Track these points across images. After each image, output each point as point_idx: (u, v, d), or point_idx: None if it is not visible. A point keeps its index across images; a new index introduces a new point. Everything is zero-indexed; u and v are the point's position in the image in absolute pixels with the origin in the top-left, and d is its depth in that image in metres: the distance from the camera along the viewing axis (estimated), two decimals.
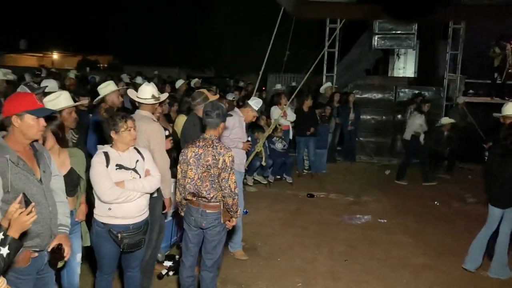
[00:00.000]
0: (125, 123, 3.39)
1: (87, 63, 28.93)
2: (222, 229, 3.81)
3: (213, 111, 3.67)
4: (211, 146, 3.64)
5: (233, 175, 3.62)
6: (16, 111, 2.69)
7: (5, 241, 2.21)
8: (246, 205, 7.00)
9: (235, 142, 5.33)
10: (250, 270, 5.06)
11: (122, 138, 3.42)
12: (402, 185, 8.99)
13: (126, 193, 3.37)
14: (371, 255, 5.58)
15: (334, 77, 11.75)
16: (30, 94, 2.84)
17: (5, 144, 2.67)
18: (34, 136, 2.77)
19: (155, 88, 4.28)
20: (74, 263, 3.55)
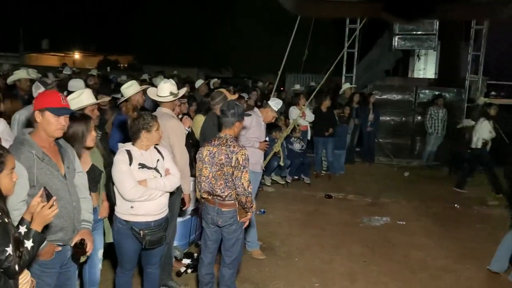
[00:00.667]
0: (156, 123, 3.48)
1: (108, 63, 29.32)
2: (239, 227, 3.83)
3: (229, 110, 3.70)
4: (225, 145, 3.67)
5: (247, 173, 3.62)
6: (40, 107, 2.77)
7: (29, 234, 2.27)
8: (264, 204, 7.06)
9: (251, 141, 5.33)
10: (267, 270, 5.07)
11: (152, 137, 3.48)
12: (422, 187, 8.89)
13: (149, 191, 3.41)
14: (389, 257, 5.53)
15: (353, 77, 11.68)
16: (57, 93, 2.90)
17: (31, 140, 2.73)
18: (53, 133, 2.82)
19: (173, 85, 4.34)
20: (96, 258, 3.60)
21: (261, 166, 5.67)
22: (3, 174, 2.19)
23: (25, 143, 2.70)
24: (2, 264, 2.13)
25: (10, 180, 2.24)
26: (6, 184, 2.22)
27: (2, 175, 2.19)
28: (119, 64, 32.31)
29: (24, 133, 2.81)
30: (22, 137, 2.77)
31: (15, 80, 6.63)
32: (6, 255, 2.12)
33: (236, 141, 3.74)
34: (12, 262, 2.14)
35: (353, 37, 10.60)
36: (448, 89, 11.41)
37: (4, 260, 2.12)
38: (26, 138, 2.74)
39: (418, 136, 11.25)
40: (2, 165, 2.18)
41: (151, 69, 19.17)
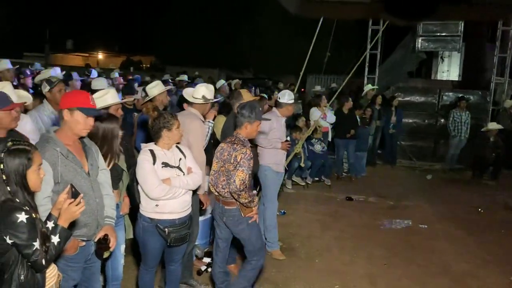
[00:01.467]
0: (176, 121, 3.53)
1: (131, 63, 29.70)
2: (246, 225, 3.81)
3: (240, 110, 3.76)
4: (232, 142, 3.74)
5: (242, 172, 3.59)
6: (69, 106, 2.82)
7: (56, 230, 2.32)
8: (284, 205, 7.05)
9: (273, 142, 5.33)
10: (287, 271, 5.07)
11: (173, 135, 3.53)
12: (444, 190, 8.76)
13: (173, 190, 3.47)
14: (411, 260, 5.47)
15: (375, 79, 11.58)
16: (87, 93, 2.97)
17: (56, 137, 2.80)
18: (79, 132, 2.89)
19: (208, 90, 4.40)
20: (119, 254, 3.66)
21: (284, 166, 5.67)
22: (30, 170, 2.24)
23: (50, 140, 2.76)
24: (29, 258, 2.19)
25: (38, 177, 2.29)
26: (33, 180, 2.27)
27: (30, 171, 2.24)
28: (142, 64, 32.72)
29: (49, 131, 2.87)
30: (47, 135, 2.83)
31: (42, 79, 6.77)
32: (33, 249, 2.18)
33: (243, 141, 3.73)
34: (39, 256, 2.20)
35: (376, 39, 10.52)
36: (472, 92, 11.22)
37: (31, 254, 2.18)
38: (51, 136, 2.80)
39: (441, 139, 11.09)
40: (30, 161, 2.23)
41: (173, 70, 19.36)
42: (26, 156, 2.22)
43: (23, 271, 2.23)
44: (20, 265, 2.22)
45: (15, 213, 2.15)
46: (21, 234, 2.15)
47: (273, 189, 5.50)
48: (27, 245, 2.16)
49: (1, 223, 2.14)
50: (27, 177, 2.23)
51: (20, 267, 2.22)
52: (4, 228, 2.14)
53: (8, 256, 2.19)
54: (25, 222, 2.15)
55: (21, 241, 2.15)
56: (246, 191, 3.65)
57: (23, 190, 2.22)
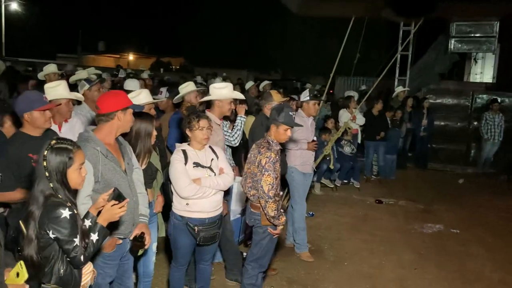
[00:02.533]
0: (197, 122, 3.53)
1: (161, 65, 30.11)
2: (263, 231, 3.73)
3: (271, 111, 3.75)
4: (259, 145, 3.71)
5: (268, 177, 3.52)
6: (122, 106, 2.88)
7: (95, 228, 2.39)
8: (313, 207, 7.03)
9: (299, 143, 5.31)
10: (316, 272, 5.05)
11: (195, 136, 3.56)
12: (477, 195, 8.55)
13: (203, 189, 3.50)
14: (442, 265, 5.37)
15: (407, 80, 11.41)
16: (124, 92, 3.05)
17: (96, 137, 2.85)
18: (128, 129, 2.97)
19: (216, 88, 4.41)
20: (151, 252, 3.72)
21: (312, 167, 5.64)
22: (71, 169, 2.30)
23: (90, 140, 2.82)
24: (69, 253, 2.26)
25: (79, 175, 2.35)
26: (74, 178, 2.33)
27: (71, 170, 2.30)
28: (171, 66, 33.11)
29: (88, 131, 2.92)
30: (87, 134, 2.88)
31: (76, 80, 6.95)
32: (73, 245, 2.25)
33: (270, 143, 3.65)
34: (78, 252, 2.26)
35: (408, 40, 10.36)
36: (507, 94, 10.92)
37: (71, 250, 2.25)
38: (90, 135, 2.86)
39: (473, 142, 10.85)
40: (71, 160, 2.29)
41: (202, 71, 19.55)
42: (67, 155, 2.28)
43: (62, 266, 2.30)
44: (60, 260, 2.29)
45: (60, 209, 2.22)
46: (64, 229, 2.22)
47: (300, 191, 5.47)
48: (68, 241, 2.23)
49: (45, 217, 2.21)
50: (67, 175, 2.29)
51: (60, 262, 2.29)
52: (48, 222, 2.21)
53: (49, 250, 2.26)
54: (68, 218, 2.22)
55: (63, 236, 2.22)
56: (276, 202, 3.57)
57: (63, 188, 2.28)
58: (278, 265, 5.08)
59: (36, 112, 3.19)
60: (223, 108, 4.39)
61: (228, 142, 4.62)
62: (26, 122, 3.23)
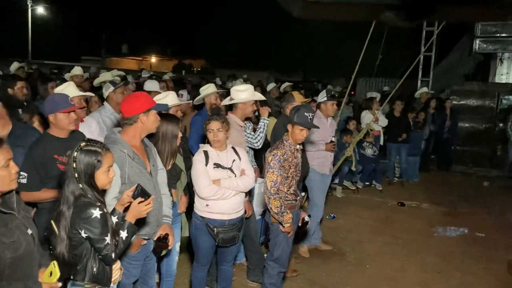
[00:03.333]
0: (207, 125, 3.58)
1: (182, 67, 30.38)
2: (275, 228, 3.79)
3: (290, 112, 3.76)
4: (275, 145, 3.76)
5: (272, 174, 3.60)
6: (144, 109, 2.91)
7: (124, 226, 2.45)
8: (334, 210, 7.00)
9: (317, 144, 5.27)
10: (337, 275, 5.02)
11: (211, 137, 3.59)
12: (503, 198, 8.37)
13: (222, 191, 3.53)
14: (467, 269, 5.27)
15: (430, 82, 11.25)
16: (147, 94, 3.09)
17: (123, 139, 2.90)
18: (154, 130, 3.02)
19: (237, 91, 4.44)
20: (174, 251, 3.76)
21: (330, 168, 5.57)
22: (100, 171, 2.36)
23: (117, 142, 2.87)
24: (101, 251, 2.32)
25: (107, 177, 2.41)
26: (102, 180, 2.39)
27: (99, 172, 2.36)
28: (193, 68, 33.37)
29: (114, 133, 2.97)
30: (114, 136, 2.93)
31: (101, 82, 7.07)
32: (105, 244, 2.31)
33: (282, 143, 3.71)
34: (109, 250, 2.33)
35: (431, 40, 10.23)
36: None
37: (103, 248, 2.31)
38: (117, 137, 2.90)
39: (499, 144, 10.62)
40: (99, 163, 2.35)
41: (223, 73, 19.64)
42: (96, 157, 2.34)
43: (95, 264, 2.37)
44: (92, 258, 2.36)
45: (90, 209, 2.29)
46: (95, 228, 2.28)
47: (318, 191, 5.44)
48: (99, 239, 2.30)
49: (77, 217, 2.28)
50: (95, 177, 2.35)
51: (92, 260, 2.36)
52: (79, 222, 2.28)
53: (81, 248, 2.34)
54: (99, 217, 2.29)
55: (95, 236, 2.29)
56: (278, 199, 3.60)
57: (91, 189, 2.34)
58: (300, 267, 5.08)
59: (60, 114, 3.24)
60: (245, 110, 4.42)
61: (251, 144, 4.63)
62: (52, 124, 3.29)
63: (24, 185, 3.04)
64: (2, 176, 2.10)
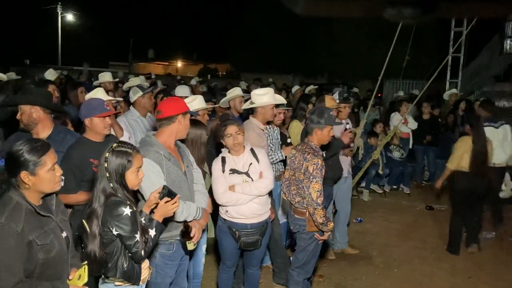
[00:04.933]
0: (224, 130, 3.56)
1: (208, 71, 30.65)
2: (309, 237, 3.68)
3: (310, 116, 3.66)
4: (302, 151, 3.62)
5: (316, 184, 3.45)
6: (182, 110, 3.00)
7: (152, 224, 2.51)
8: (361, 213, 6.93)
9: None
10: (364, 279, 4.97)
11: (226, 143, 3.59)
12: None
13: (236, 196, 3.53)
14: (499, 275, 5.13)
15: (458, 83, 11.04)
16: (181, 99, 3.15)
17: (158, 141, 2.97)
18: (185, 135, 3.08)
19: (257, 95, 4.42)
20: (200, 253, 3.80)
21: (348, 170, 5.47)
22: (130, 171, 2.44)
23: (153, 144, 2.93)
24: (131, 249, 2.38)
25: (136, 177, 2.48)
26: (132, 180, 2.47)
27: (129, 172, 2.44)
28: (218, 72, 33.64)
29: (149, 136, 3.04)
30: (149, 139, 3.00)
31: (130, 86, 7.18)
32: (135, 241, 2.37)
33: (314, 149, 3.58)
34: (139, 247, 2.39)
35: (459, 41, 10.03)
36: None
37: (133, 246, 2.37)
38: (153, 140, 2.97)
39: None
40: (129, 163, 2.43)
41: (248, 76, 19.71)
42: (126, 158, 2.42)
43: (125, 261, 2.43)
44: (123, 255, 2.43)
45: (121, 207, 2.36)
46: (125, 226, 2.35)
47: (339, 196, 5.42)
48: (130, 237, 2.36)
49: (108, 215, 2.36)
50: (126, 176, 2.43)
51: (123, 257, 2.43)
52: (111, 220, 2.35)
53: (112, 246, 2.41)
54: (129, 215, 2.36)
55: (125, 233, 2.35)
56: (323, 208, 3.52)
57: (122, 188, 2.42)
58: (326, 271, 5.05)
59: (96, 118, 3.32)
60: (266, 114, 4.42)
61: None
62: (88, 128, 3.37)
63: (61, 188, 3.12)
64: (48, 179, 2.21)
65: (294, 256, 3.89)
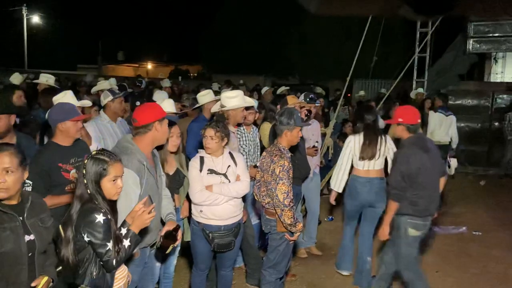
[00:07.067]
0: (204, 130, 3.59)
1: (179, 73, 30.41)
2: (280, 238, 3.69)
3: (279, 118, 3.64)
4: (271, 152, 3.64)
5: (283, 185, 3.44)
6: (159, 117, 2.95)
7: (128, 235, 2.49)
8: (332, 212, 7.01)
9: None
10: (337, 276, 5.05)
11: (204, 144, 3.62)
12: (500, 197, 8.42)
13: (213, 196, 3.55)
14: (465, 268, 5.31)
15: (425, 82, 11.32)
16: (158, 104, 3.14)
17: (140, 150, 2.91)
18: (164, 141, 3.07)
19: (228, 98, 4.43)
20: (172, 255, 3.80)
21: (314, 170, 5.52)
22: (105, 179, 2.43)
23: (136, 152, 2.88)
24: (102, 257, 2.37)
25: (113, 186, 2.45)
26: (108, 189, 2.44)
27: (105, 180, 2.43)
28: (189, 73, 33.43)
29: (131, 143, 2.95)
30: (132, 147, 2.92)
31: (98, 90, 7.07)
32: (106, 249, 2.36)
33: (281, 151, 3.57)
34: (111, 256, 2.37)
35: (425, 41, 10.30)
36: None
37: (104, 254, 2.36)
38: (135, 148, 2.90)
39: (495, 143, 10.66)
40: (105, 171, 2.42)
41: (220, 78, 19.67)
42: (102, 166, 2.41)
43: (95, 269, 2.41)
44: (93, 263, 2.41)
45: (94, 214, 2.35)
46: (97, 233, 2.34)
47: (307, 195, 5.50)
48: (101, 245, 2.35)
49: (81, 221, 2.35)
50: (101, 185, 2.42)
51: (93, 265, 2.41)
52: (83, 226, 2.34)
53: (84, 253, 2.39)
54: (102, 222, 2.35)
55: (96, 240, 2.34)
56: (292, 209, 3.50)
57: (98, 195, 2.42)
58: (298, 270, 5.11)
59: (70, 122, 3.29)
60: (236, 116, 4.45)
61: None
62: (59, 132, 3.32)
63: None
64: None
65: (266, 257, 3.91)
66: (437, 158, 4.04)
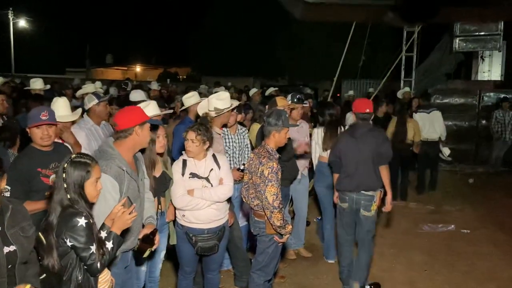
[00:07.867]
0: (186, 133, 3.57)
1: (167, 75, 30.33)
2: (268, 240, 3.66)
3: (267, 119, 3.62)
4: (259, 154, 3.60)
5: (272, 187, 3.42)
6: (139, 121, 2.89)
7: (110, 236, 2.47)
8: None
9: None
10: (325, 277, 5.04)
11: (186, 147, 3.58)
12: (488, 194, 8.47)
13: (195, 201, 3.52)
14: (453, 266, 5.33)
15: (412, 82, 11.37)
16: (139, 107, 3.09)
17: (120, 155, 2.86)
18: (146, 144, 3.02)
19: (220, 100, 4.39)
20: (158, 259, 3.78)
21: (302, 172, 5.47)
22: (88, 182, 2.40)
23: (115, 158, 2.83)
24: (86, 261, 2.34)
25: (95, 189, 2.45)
26: (91, 191, 2.43)
27: (88, 183, 2.40)
28: (178, 76, 33.36)
29: (112, 147, 2.89)
30: (111, 151, 2.86)
31: (83, 93, 7.01)
32: (90, 253, 2.33)
33: (270, 153, 3.55)
34: (95, 260, 2.34)
35: (411, 41, 10.35)
36: None
37: (88, 258, 2.33)
38: (116, 153, 2.85)
39: (483, 141, 10.74)
40: (88, 174, 2.40)
41: (209, 80, 19.64)
42: (85, 169, 2.39)
43: (80, 274, 2.38)
44: (77, 268, 2.38)
45: (76, 218, 2.32)
46: (80, 237, 2.31)
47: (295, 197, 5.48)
48: (84, 248, 2.32)
49: (63, 226, 2.31)
50: (85, 188, 2.40)
51: (77, 269, 2.38)
52: (65, 230, 2.31)
53: (67, 258, 2.36)
54: (84, 226, 2.31)
55: (80, 244, 2.31)
56: (281, 211, 3.48)
57: (81, 199, 2.38)
58: (287, 272, 5.09)
59: (34, 128, 3.21)
60: (223, 118, 4.44)
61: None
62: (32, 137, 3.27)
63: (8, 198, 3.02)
64: None
65: (254, 259, 3.88)
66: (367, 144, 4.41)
